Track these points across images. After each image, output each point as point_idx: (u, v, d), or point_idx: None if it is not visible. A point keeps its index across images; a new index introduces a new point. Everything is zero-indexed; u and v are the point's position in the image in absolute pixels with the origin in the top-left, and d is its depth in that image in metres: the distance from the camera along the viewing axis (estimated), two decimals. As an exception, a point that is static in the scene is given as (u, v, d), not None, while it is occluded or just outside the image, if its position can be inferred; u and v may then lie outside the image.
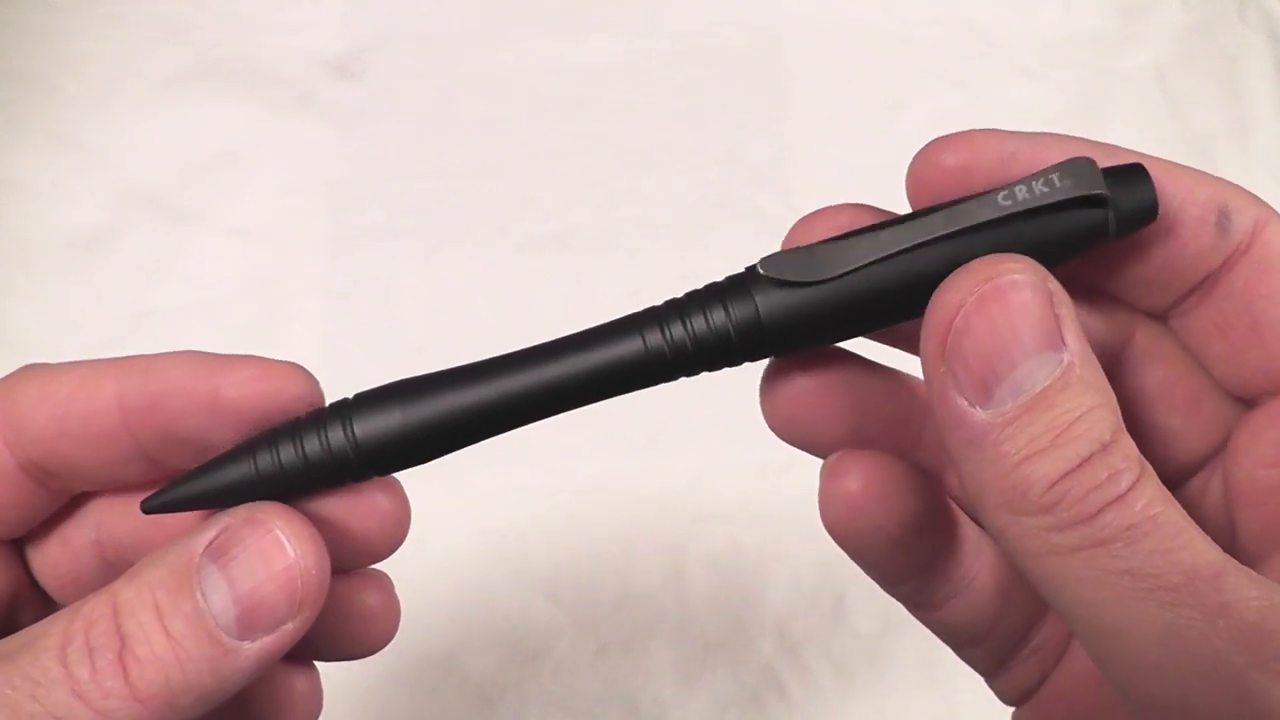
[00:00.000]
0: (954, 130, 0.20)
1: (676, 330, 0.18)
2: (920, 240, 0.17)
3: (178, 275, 0.47)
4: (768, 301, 0.18)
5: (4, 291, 0.46)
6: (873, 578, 0.22)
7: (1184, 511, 0.16)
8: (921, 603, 0.23)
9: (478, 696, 0.41)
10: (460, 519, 0.42)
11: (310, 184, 0.48)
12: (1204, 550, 0.16)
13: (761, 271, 0.18)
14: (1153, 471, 0.16)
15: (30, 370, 0.20)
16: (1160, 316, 0.20)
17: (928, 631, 0.24)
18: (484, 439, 0.19)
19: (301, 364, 0.20)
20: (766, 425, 0.22)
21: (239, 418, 0.19)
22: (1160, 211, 0.18)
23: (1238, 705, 0.15)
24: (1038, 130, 0.19)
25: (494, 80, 0.49)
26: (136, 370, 0.20)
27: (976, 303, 0.16)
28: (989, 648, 0.23)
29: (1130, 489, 0.16)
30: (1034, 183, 0.17)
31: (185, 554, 0.18)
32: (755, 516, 0.43)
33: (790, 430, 0.22)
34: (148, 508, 0.19)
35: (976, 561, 0.22)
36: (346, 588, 0.22)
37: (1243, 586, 0.15)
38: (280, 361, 0.20)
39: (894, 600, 0.23)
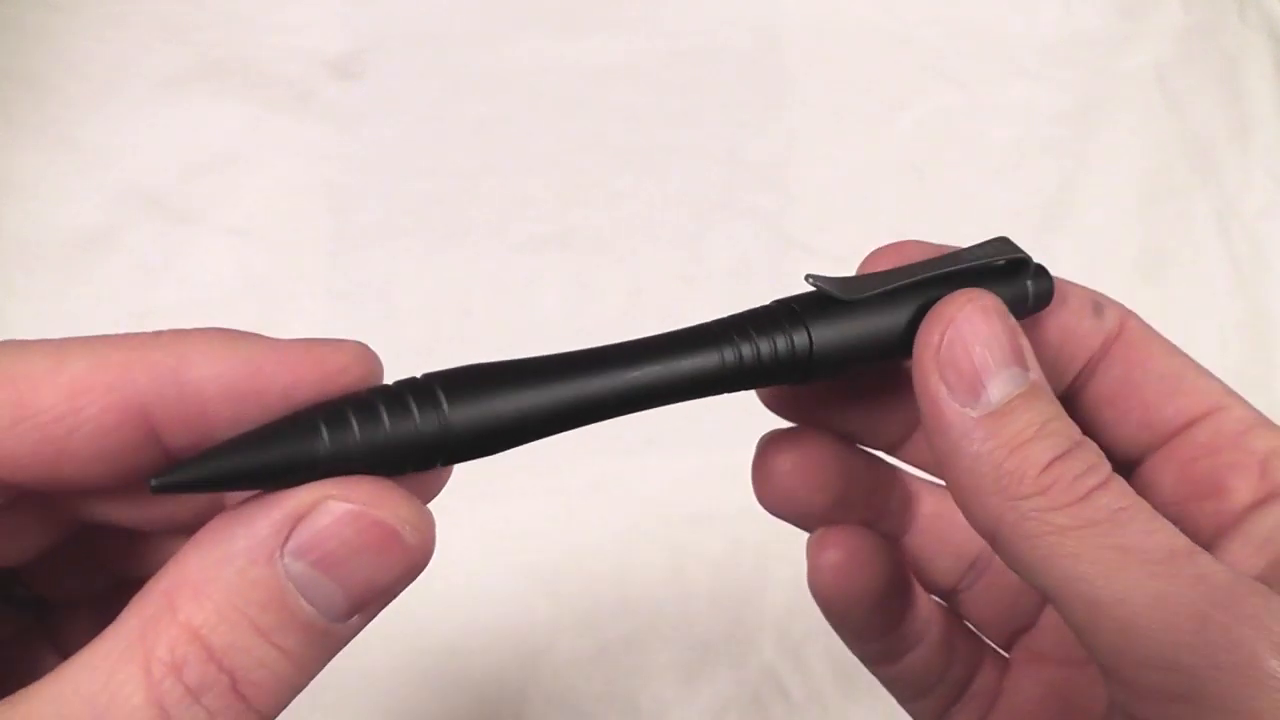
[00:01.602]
0: (954, 130, 0.21)
1: (747, 349, 0.20)
2: (916, 278, 0.21)
3: (178, 275, 0.47)
4: (820, 333, 0.21)
5: (4, 291, 0.46)
6: (845, 639, 0.26)
7: (1147, 503, 0.18)
8: (884, 659, 0.26)
9: (477, 696, 0.41)
10: (460, 519, 0.42)
11: (310, 184, 0.48)
12: (1175, 534, 0.18)
13: (809, 282, 0.22)
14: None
15: (19, 345, 0.17)
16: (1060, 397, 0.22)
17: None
18: (559, 432, 0.19)
19: (364, 343, 0.18)
20: (758, 501, 0.25)
21: (286, 408, 0.17)
22: (1055, 297, 0.22)
23: (1224, 654, 0.16)
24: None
25: (494, 80, 0.49)
26: (167, 367, 0.16)
27: (965, 316, 0.19)
28: (936, 697, 0.26)
29: (1108, 479, 0.18)
30: (978, 249, 0.22)
31: (261, 556, 0.15)
32: (755, 516, 0.43)
33: (782, 504, 0.25)
34: (159, 485, 0.15)
35: (929, 619, 0.26)
36: None
37: (1211, 562, 0.18)
38: (344, 343, 0.18)
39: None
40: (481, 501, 0.42)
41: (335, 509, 0.16)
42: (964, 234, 0.50)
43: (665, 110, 0.48)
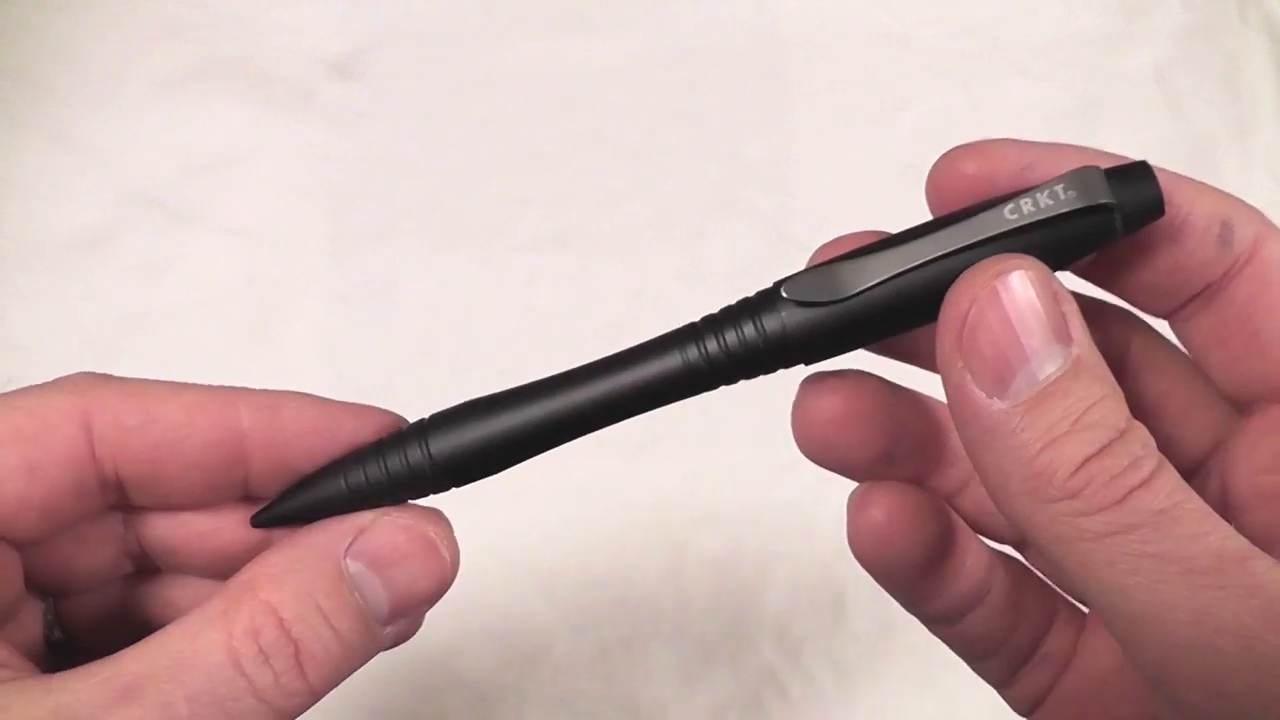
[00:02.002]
0: (955, 130, 0.20)
1: (711, 345, 0.20)
2: (931, 257, 0.18)
3: (178, 275, 0.47)
4: (793, 318, 0.19)
5: (4, 291, 0.46)
6: (898, 599, 0.24)
7: (1201, 499, 0.16)
8: (941, 619, 0.24)
9: (477, 697, 0.41)
10: (459, 519, 0.42)
11: (310, 184, 0.48)
12: (1229, 536, 0.16)
13: (785, 295, 0.19)
14: (1168, 461, 0.17)
15: (109, 382, 0.20)
16: (1165, 319, 0.21)
17: (927, 632, 0.24)
18: (544, 451, 0.21)
19: (399, 413, 0.22)
20: (798, 448, 0.23)
21: (344, 453, 0.21)
22: (1167, 218, 0.18)
23: (1272, 681, 0.15)
24: (1049, 139, 0.20)
25: (494, 80, 0.49)
26: (266, 406, 0.21)
27: (988, 296, 0.17)
28: (1002, 659, 0.23)
29: (1153, 475, 0.16)
30: (1039, 195, 0.18)
31: (330, 556, 0.19)
32: (754, 516, 0.43)
33: (823, 453, 0.23)
34: (259, 522, 0.21)
35: (990, 577, 0.23)
36: None
37: (1270, 569, 0.15)
38: (389, 413, 0.22)
39: (893, 600, 0.24)
40: (481, 502, 0.42)
41: (390, 523, 0.20)
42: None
43: (665, 110, 0.48)
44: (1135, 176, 0.18)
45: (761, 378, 0.21)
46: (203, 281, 0.47)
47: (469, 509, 0.42)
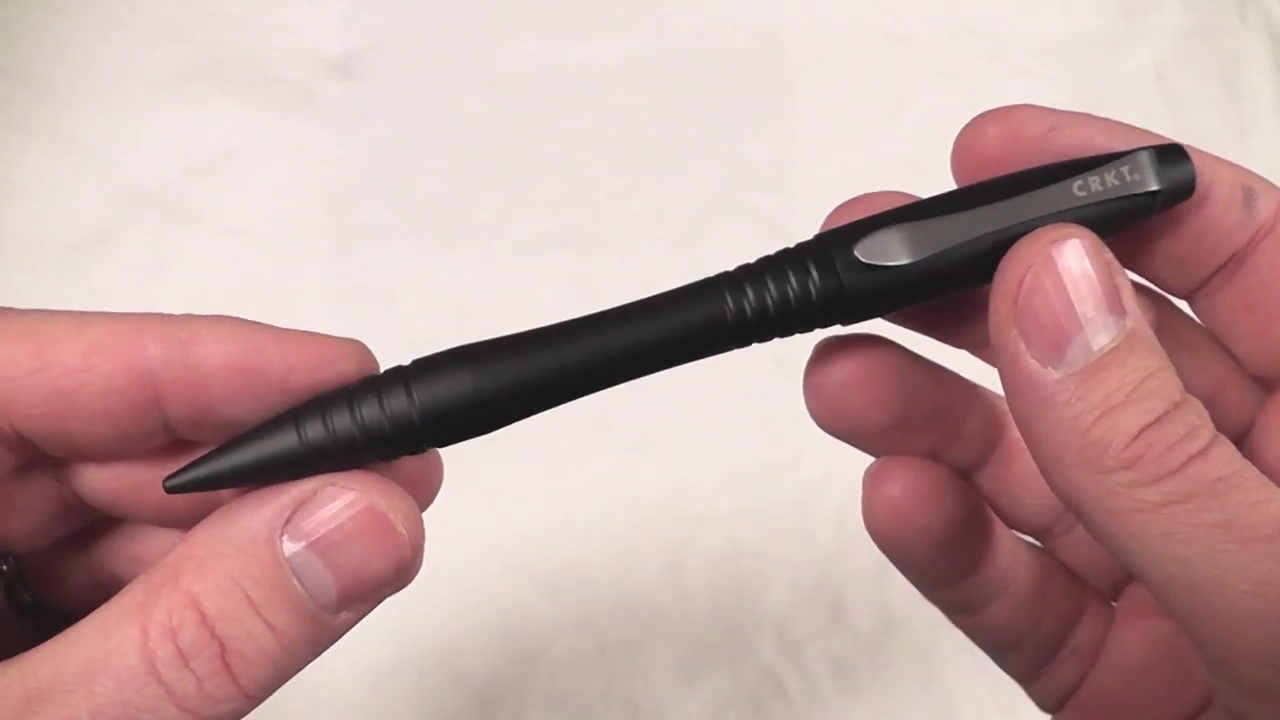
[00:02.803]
0: (954, 130, 0.20)
1: (754, 297, 0.18)
2: (1009, 224, 0.18)
3: (177, 275, 0.47)
4: (854, 278, 0.18)
5: (4, 291, 0.46)
6: (915, 583, 0.23)
7: (1257, 469, 0.16)
8: (962, 607, 0.23)
9: (477, 696, 0.41)
10: (460, 519, 0.42)
11: (310, 184, 0.48)
12: None
13: (860, 258, 0.18)
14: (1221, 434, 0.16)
15: (13, 320, 0.17)
16: (1187, 298, 0.20)
17: (927, 631, 0.24)
18: (555, 405, 0.18)
19: (362, 340, 0.19)
20: (810, 414, 0.22)
21: (291, 397, 0.18)
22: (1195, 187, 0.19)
23: None
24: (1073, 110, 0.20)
25: (494, 80, 0.49)
26: (176, 341, 0.17)
27: (1044, 262, 0.17)
28: (1028, 651, 0.23)
29: (1210, 445, 0.16)
30: (1107, 175, 0.18)
31: (261, 535, 0.16)
32: (754, 516, 0.43)
33: (835, 418, 0.21)
34: (173, 486, 0.17)
35: (1014, 564, 0.22)
36: None
37: None
38: (342, 339, 0.19)
39: (893, 600, 0.24)
40: (481, 501, 0.42)
41: (332, 494, 0.17)
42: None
43: (665, 110, 0.48)
44: (1174, 159, 0.19)
45: (767, 376, 0.21)
46: (202, 281, 0.47)
47: (469, 508, 0.42)
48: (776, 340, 0.19)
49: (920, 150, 0.47)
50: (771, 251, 0.20)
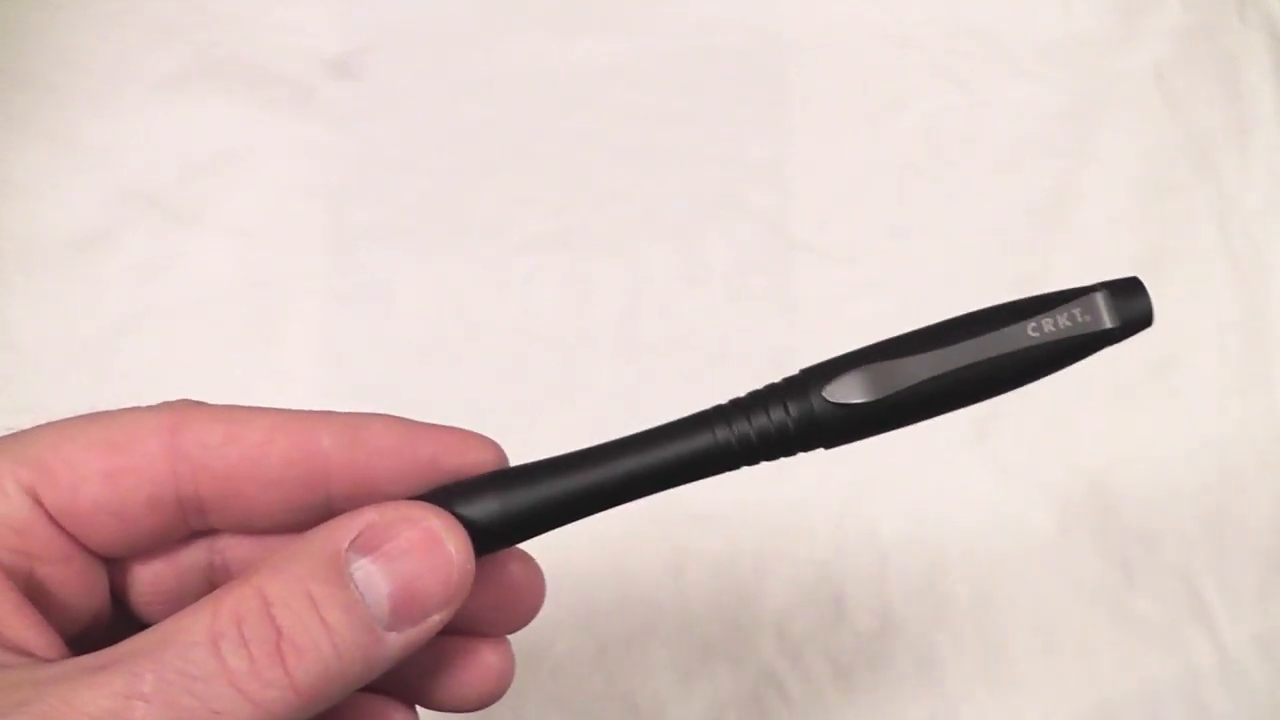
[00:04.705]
0: (955, 130, 0.21)
1: (741, 426, 0.21)
2: (964, 364, 0.20)
3: (177, 275, 0.47)
4: (826, 412, 0.21)
5: (4, 291, 0.46)
6: None
7: None
8: None
9: (477, 696, 0.41)
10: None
11: (310, 183, 0.48)
12: None
13: (826, 399, 0.21)
14: None
15: (199, 406, 0.20)
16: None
17: (926, 631, 0.24)
18: (573, 521, 0.22)
19: (493, 438, 0.22)
20: None
21: (434, 481, 0.21)
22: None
23: None
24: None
25: (494, 80, 0.49)
26: (348, 427, 0.20)
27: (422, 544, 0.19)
28: None
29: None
30: (1059, 317, 0.21)
31: (330, 547, 0.18)
32: (754, 516, 0.43)
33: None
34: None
35: None
36: (470, 643, 0.23)
37: None
38: (477, 434, 0.22)
39: (893, 600, 0.24)
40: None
41: (394, 512, 0.19)
42: (964, 233, 0.51)
43: (665, 110, 0.48)
44: (1129, 293, 0.21)
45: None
46: (202, 281, 0.47)
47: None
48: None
49: (920, 150, 0.48)
50: (766, 255, 0.21)
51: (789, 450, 0.21)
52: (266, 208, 0.48)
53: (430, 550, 0.19)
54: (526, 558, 0.23)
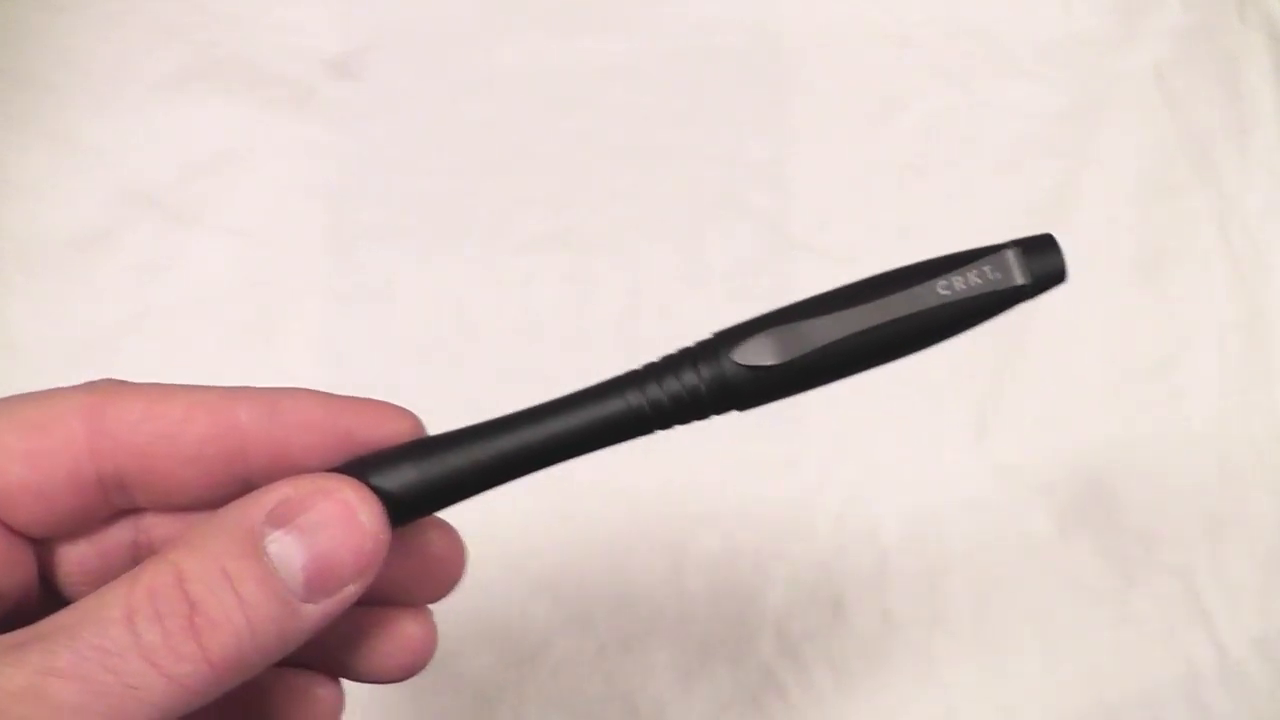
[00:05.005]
0: (955, 130, 0.21)
1: (653, 391, 0.21)
2: (873, 324, 0.21)
3: (177, 275, 0.47)
4: (738, 375, 0.21)
5: (4, 291, 0.46)
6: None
7: None
8: None
9: (476, 696, 0.41)
10: (459, 518, 0.42)
11: (310, 183, 0.48)
12: None
13: (735, 360, 0.21)
14: None
15: (122, 385, 0.20)
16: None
17: (926, 631, 0.24)
18: (489, 489, 0.21)
19: (410, 409, 0.22)
20: None
21: (351, 453, 0.21)
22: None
23: None
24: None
25: (494, 80, 0.49)
26: (265, 402, 0.21)
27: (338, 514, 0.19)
28: None
29: None
30: (969, 274, 0.21)
31: (247, 520, 0.19)
32: (754, 516, 0.43)
33: None
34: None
35: None
36: (391, 614, 0.23)
37: None
38: (394, 405, 0.22)
39: (893, 600, 0.24)
40: (479, 501, 0.42)
41: (308, 484, 0.19)
42: (964, 233, 0.50)
43: (665, 110, 0.48)
44: (1042, 250, 0.21)
45: None
46: (202, 281, 0.47)
47: (469, 509, 0.42)
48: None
49: (920, 150, 0.48)
50: (766, 255, 0.21)
51: (702, 413, 0.21)
52: (266, 208, 0.48)
53: (344, 521, 0.19)
54: (446, 527, 0.23)
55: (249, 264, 0.47)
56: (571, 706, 0.41)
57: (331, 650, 0.22)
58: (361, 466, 0.21)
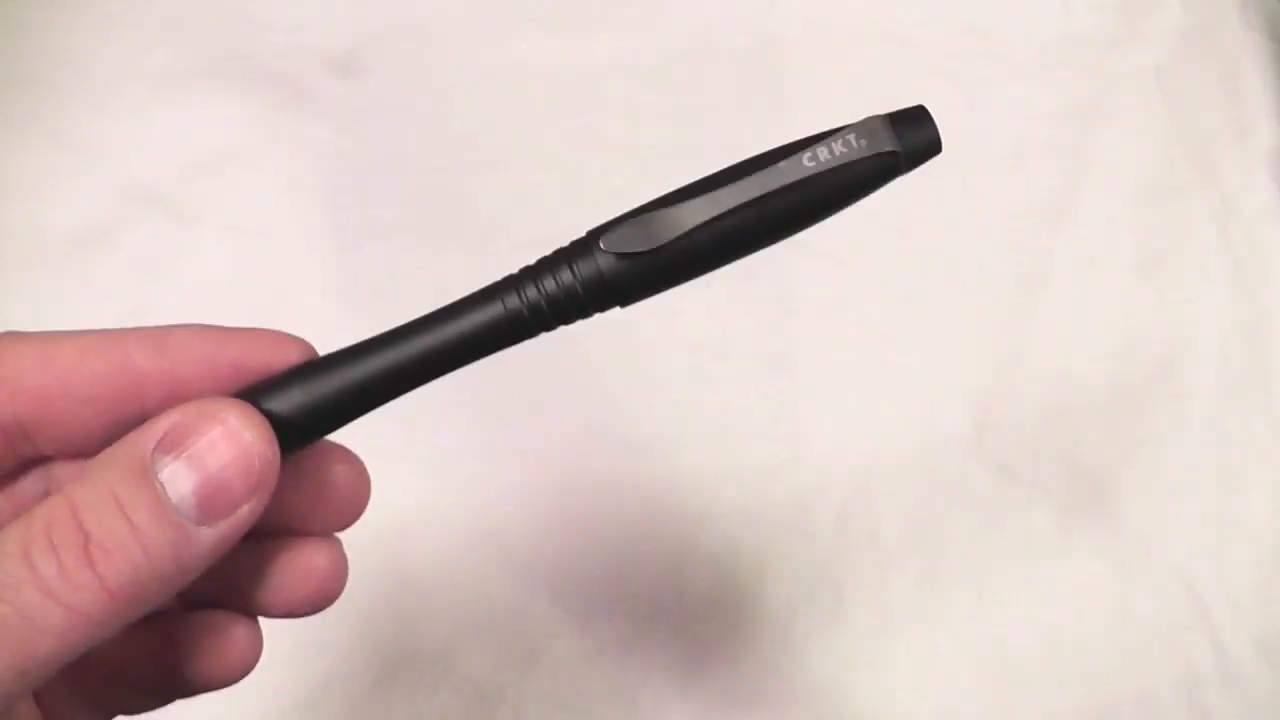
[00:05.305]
0: (954, 130, 0.21)
1: (531, 293, 0.21)
2: (739, 203, 0.20)
3: (178, 273, 0.47)
4: (610, 266, 0.20)
5: (4, 291, 0.46)
6: None
7: None
8: None
9: (477, 695, 0.41)
10: (459, 518, 0.42)
11: (310, 182, 0.48)
12: None
13: (604, 248, 0.21)
14: None
15: (16, 335, 0.21)
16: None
17: (927, 631, 0.24)
18: (380, 405, 0.21)
19: (299, 334, 0.22)
20: None
21: (243, 382, 0.21)
22: None
23: None
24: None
25: (494, 79, 0.49)
26: (154, 339, 0.21)
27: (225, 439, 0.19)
28: None
29: None
30: (834, 144, 0.20)
31: (137, 450, 0.19)
32: (754, 516, 0.43)
33: None
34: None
35: None
36: (298, 544, 0.23)
37: None
38: (282, 333, 0.22)
39: (893, 600, 0.24)
40: (479, 502, 0.42)
41: (194, 410, 0.19)
42: (964, 233, 0.51)
43: (665, 110, 0.48)
44: (913, 120, 0.21)
45: (766, 374, 0.21)
46: (203, 279, 0.47)
47: (468, 509, 0.42)
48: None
49: (920, 150, 0.48)
50: (766, 255, 0.21)
51: (583, 311, 0.21)
52: (267, 206, 0.48)
53: (231, 442, 0.19)
54: (349, 455, 0.23)
55: (249, 262, 0.47)
56: (572, 706, 0.41)
57: (242, 586, 0.23)
58: (251, 392, 0.21)
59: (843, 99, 0.49)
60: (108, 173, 0.48)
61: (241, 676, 0.23)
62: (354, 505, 0.23)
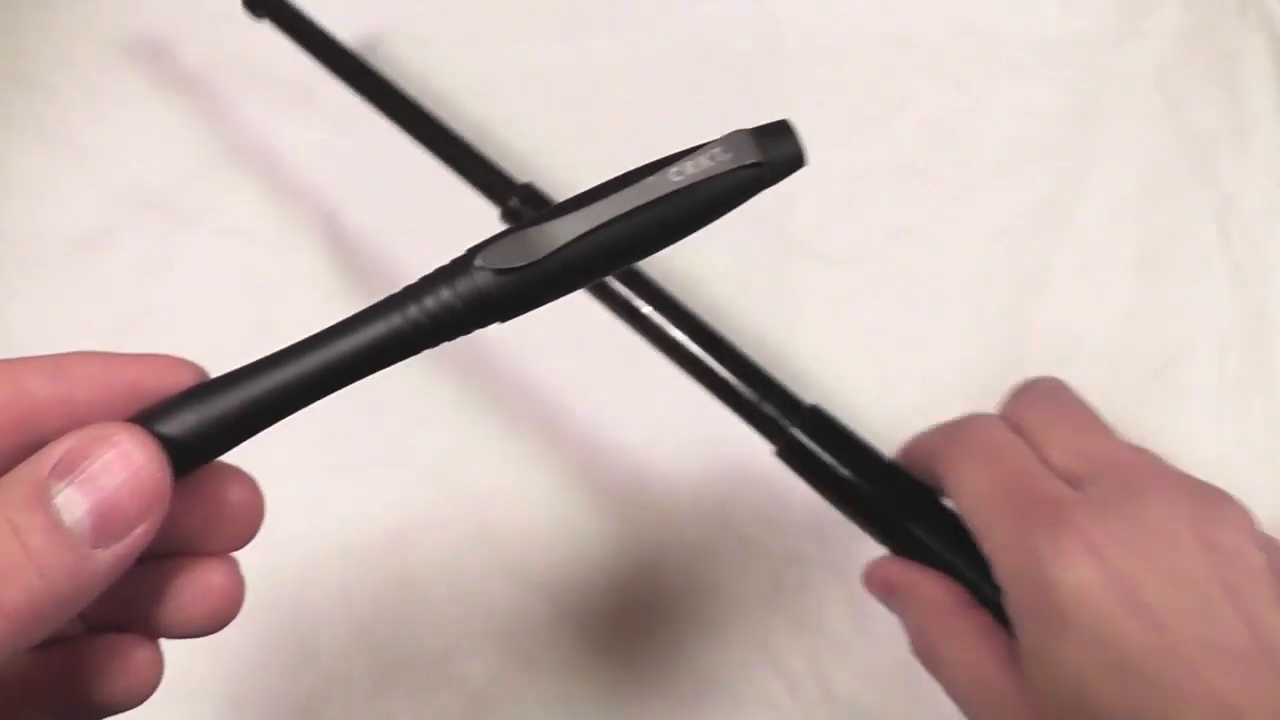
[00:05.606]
0: (955, 130, 0.21)
1: (413, 310, 0.21)
2: (611, 217, 0.21)
3: (177, 275, 0.47)
4: (488, 283, 0.21)
5: (4, 291, 0.46)
6: None
7: None
8: None
9: (477, 698, 0.41)
10: (459, 519, 0.42)
11: (310, 183, 0.48)
12: None
13: (479, 265, 0.21)
14: None
15: None
16: None
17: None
18: (271, 424, 0.22)
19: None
20: None
21: (139, 406, 0.21)
22: None
23: None
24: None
25: (494, 79, 0.49)
26: (50, 366, 0.21)
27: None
28: None
29: None
30: (700, 158, 0.21)
31: (33, 475, 0.19)
32: (754, 516, 0.43)
33: None
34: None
35: None
36: (195, 564, 0.23)
37: None
38: (176, 357, 0.23)
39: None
40: (479, 504, 0.42)
41: (88, 434, 0.20)
42: (964, 233, 0.50)
43: (665, 110, 0.48)
44: (776, 133, 0.21)
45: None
46: (202, 281, 0.47)
47: (468, 510, 0.42)
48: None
49: (920, 150, 0.48)
50: (766, 255, 0.21)
51: (463, 327, 0.21)
52: (266, 208, 0.48)
53: (123, 464, 0.20)
54: (243, 475, 0.24)
55: (249, 264, 0.47)
56: (572, 707, 0.41)
57: (142, 607, 0.23)
58: (145, 416, 0.21)
59: (843, 99, 0.49)
60: (107, 174, 0.48)
61: (145, 698, 0.23)
62: (249, 525, 0.24)
